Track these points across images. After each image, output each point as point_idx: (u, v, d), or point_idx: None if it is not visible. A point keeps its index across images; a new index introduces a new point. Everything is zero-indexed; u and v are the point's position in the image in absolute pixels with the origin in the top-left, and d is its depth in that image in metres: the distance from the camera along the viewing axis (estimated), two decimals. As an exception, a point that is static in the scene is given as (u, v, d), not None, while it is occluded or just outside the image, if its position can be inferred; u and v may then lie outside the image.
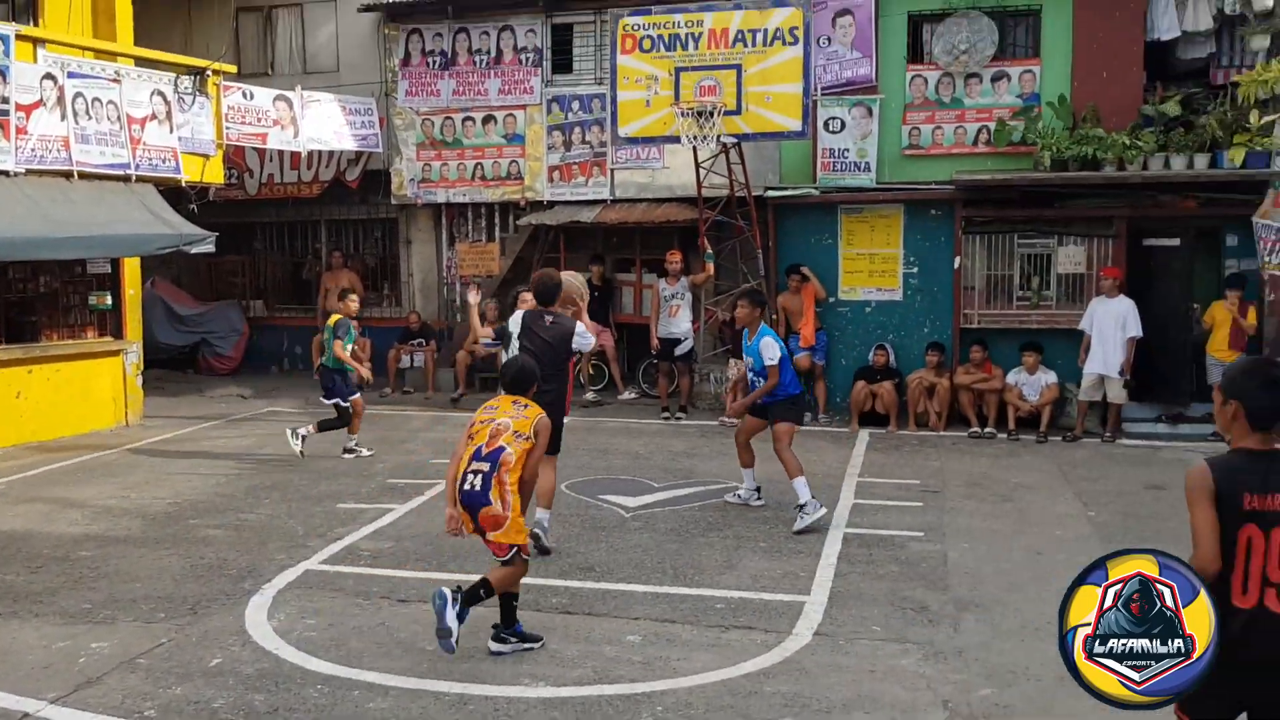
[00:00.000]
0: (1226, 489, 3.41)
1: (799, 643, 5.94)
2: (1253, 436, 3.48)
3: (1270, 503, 3.38)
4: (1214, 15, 12.54)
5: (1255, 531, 3.40)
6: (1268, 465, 3.44)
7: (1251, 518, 3.39)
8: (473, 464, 5.61)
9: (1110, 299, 11.86)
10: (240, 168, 16.36)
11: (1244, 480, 3.42)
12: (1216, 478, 3.43)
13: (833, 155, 13.55)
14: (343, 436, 11.15)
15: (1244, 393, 3.50)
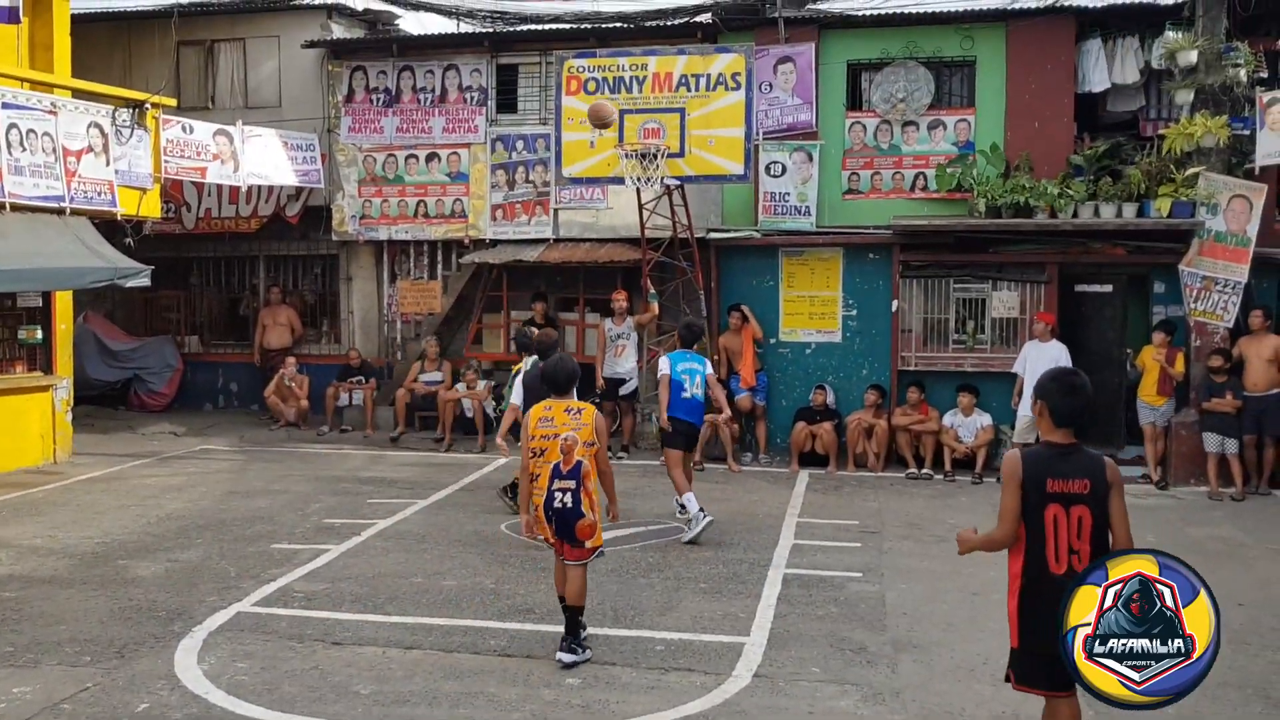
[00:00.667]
0: (1033, 474, 4.22)
1: (738, 684, 5.94)
2: (1057, 432, 4.32)
3: (1070, 486, 4.19)
4: (1141, 69, 12.97)
5: (1059, 510, 4.19)
6: (1068, 456, 4.25)
7: (1054, 499, 4.19)
8: (557, 482, 6.07)
9: (1043, 343, 12.11)
10: (178, 201, 16.14)
11: (1048, 468, 4.22)
12: (1025, 465, 4.25)
13: (774, 199, 13.74)
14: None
15: (1049, 396, 4.33)
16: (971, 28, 13.42)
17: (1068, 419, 4.29)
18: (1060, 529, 4.17)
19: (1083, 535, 4.16)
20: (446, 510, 10.27)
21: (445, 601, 7.37)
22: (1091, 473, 4.21)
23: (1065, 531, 4.17)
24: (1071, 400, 4.28)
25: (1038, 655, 4.18)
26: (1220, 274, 12.00)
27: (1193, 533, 9.72)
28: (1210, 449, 11.49)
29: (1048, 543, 4.17)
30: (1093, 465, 4.23)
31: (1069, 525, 4.17)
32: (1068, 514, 4.17)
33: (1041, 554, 4.18)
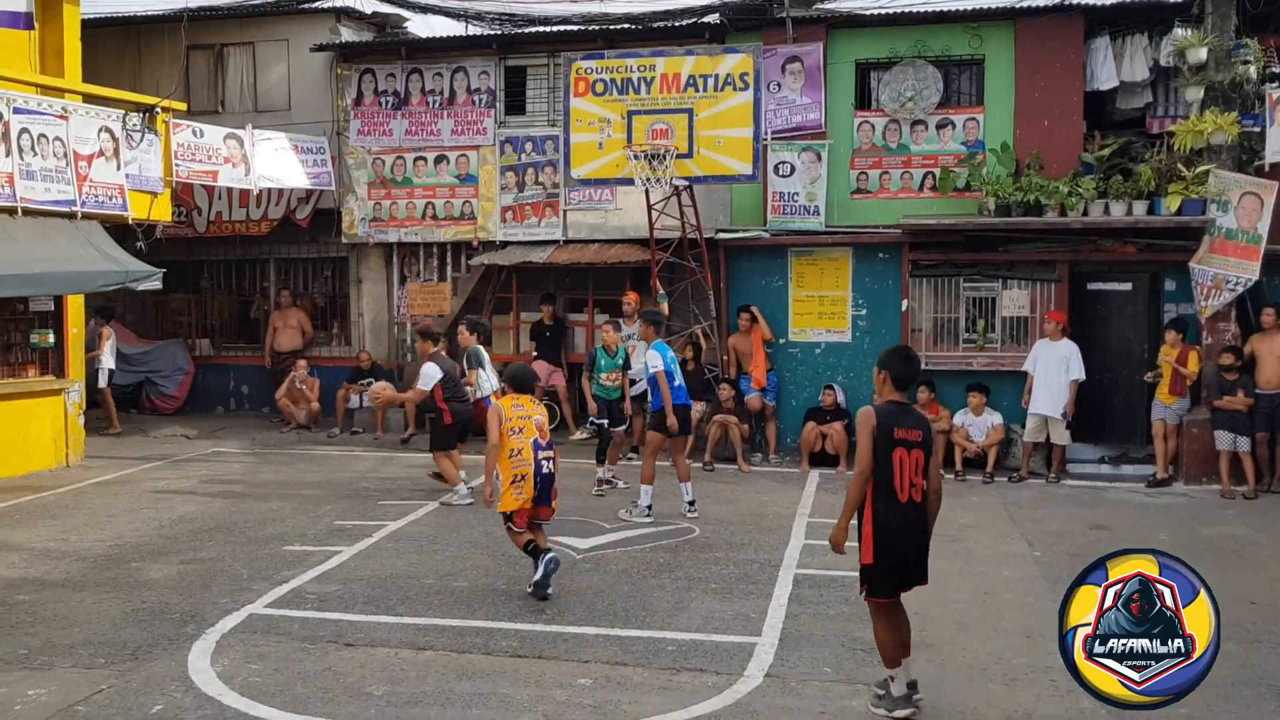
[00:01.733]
0: (884, 424, 5.37)
1: (750, 685, 5.94)
2: (897, 394, 5.51)
3: (910, 434, 5.37)
4: (1150, 67, 12.94)
5: (903, 453, 5.36)
6: (907, 411, 5.48)
7: (899, 443, 5.35)
8: (541, 453, 7.40)
9: (1054, 342, 12.09)
10: (188, 205, 16.21)
11: (895, 420, 5.40)
12: (878, 417, 5.39)
13: (783, 199, 13.74)
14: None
15: (889, 364, 5.57)
16: (980, 26, 13.40)
17: (904, 383, 5.53)
18: (904, 467, 5.34)
19: (919, 471, 5.37)
20: (457, 511, 10.29)
21: (457, 602, 7.39)
22: (921, 425, 5.45)
23: (908, 468, 5.34)
24: (907, 368, 5.59)
25: (889, 567, 5.39)
26: (1231, 271, 11.96)
27: (1205, 531, 9.69)
28: (1222, 447, 11.45)
29: (895, 477, 5.33)
30: (921, 420, 5.51)
31: (909, 464, 5.34)
32: (909, 454, 5.35)
33: (891, 486, 5.33)
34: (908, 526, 5.37)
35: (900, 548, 5.36)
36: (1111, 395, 13.01)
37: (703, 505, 10.53)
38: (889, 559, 5.36)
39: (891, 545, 5.34)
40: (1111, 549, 8.83)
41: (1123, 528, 9.78)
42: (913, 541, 5.42)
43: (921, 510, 5.42)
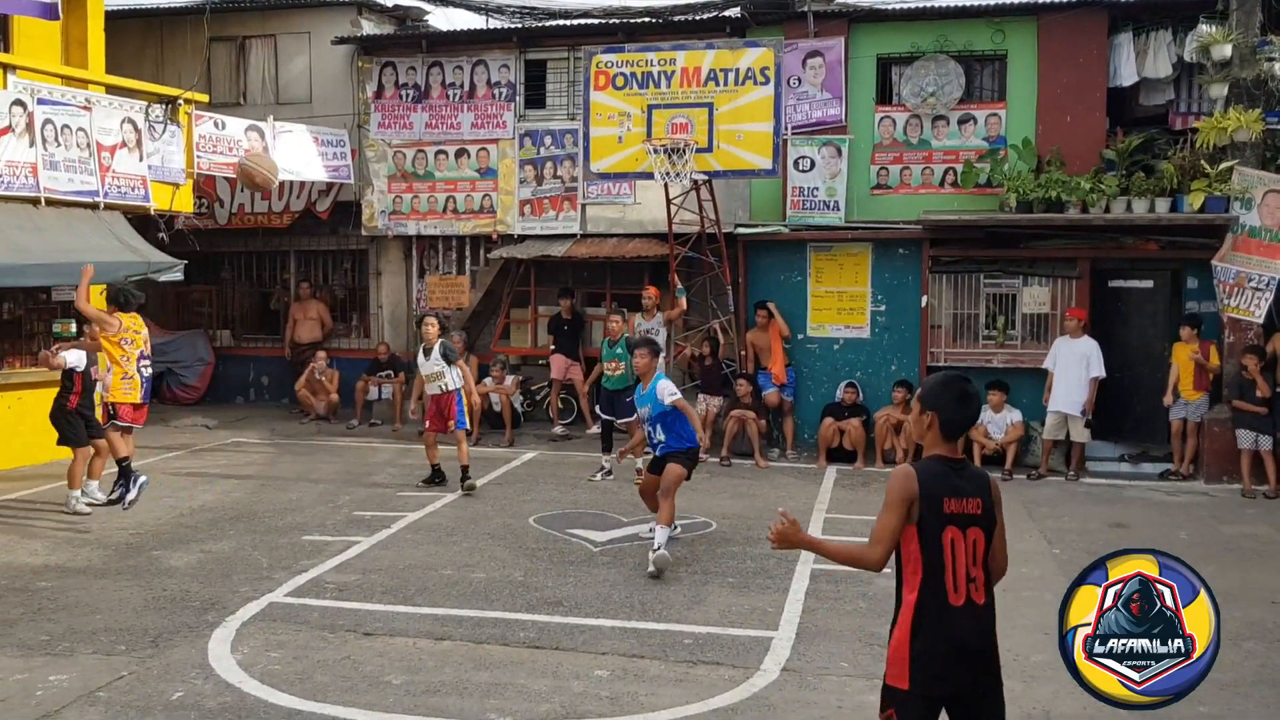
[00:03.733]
0: (930, 493, 3.65)
1: (767, 679, 5.95)
2: (944, 445, 3.76)
3: (966, 506, 3.67)
4: (1173, 63, 12.85)
5: (956, 533, 3.65)
6: (961, 472, 3.74)
7: (952, 520, 3.65)
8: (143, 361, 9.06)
9: (1074, 339, 12.03)
10: (210, 197, 16.29)
11: (945, 486, 3.67)
12: (921, 481, 3.67)
13: (802, 194, 13.71)
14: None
15: (940, 405, 3.76)
16: (1002, 21, 13.33)
17: (958, 430, 3.80)
18: (959, 554, 3.66)
19: (978, 560, 3.68)
20: (475, 503, 10.32)
21: (475, 593, 7.42)
22: (982, 490, 3.73)
23: (963, 556, 3.66)
24: (964, 410, 3.79)
25: (931, 699, 3.64)
26: (1254, 270, 11.87)
27: (1226, 530, 9.63)
28: (1244, 445, 11.37)
29: (947, 570, 3.64)
30: (983, 482, 3.77)
31: (966, 549, 3.67)
32: (965, 537, 3.67)
33: (940, 582, 3.63)
34: (964, 638, 3.64)
35: (952, 671, 3.63)
36: (1132, 393, 12.94)
37: (719, 500, 10.55)
38: (933, 687, 3.64)
39: (937, 670, 3.62)
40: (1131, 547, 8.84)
41: (1142, 526, 9.74)
42: (969, 661, 3.66)
43: (985, 614, 3.69)
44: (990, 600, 3.71)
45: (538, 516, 9.69)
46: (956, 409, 3.76)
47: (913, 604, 3.66)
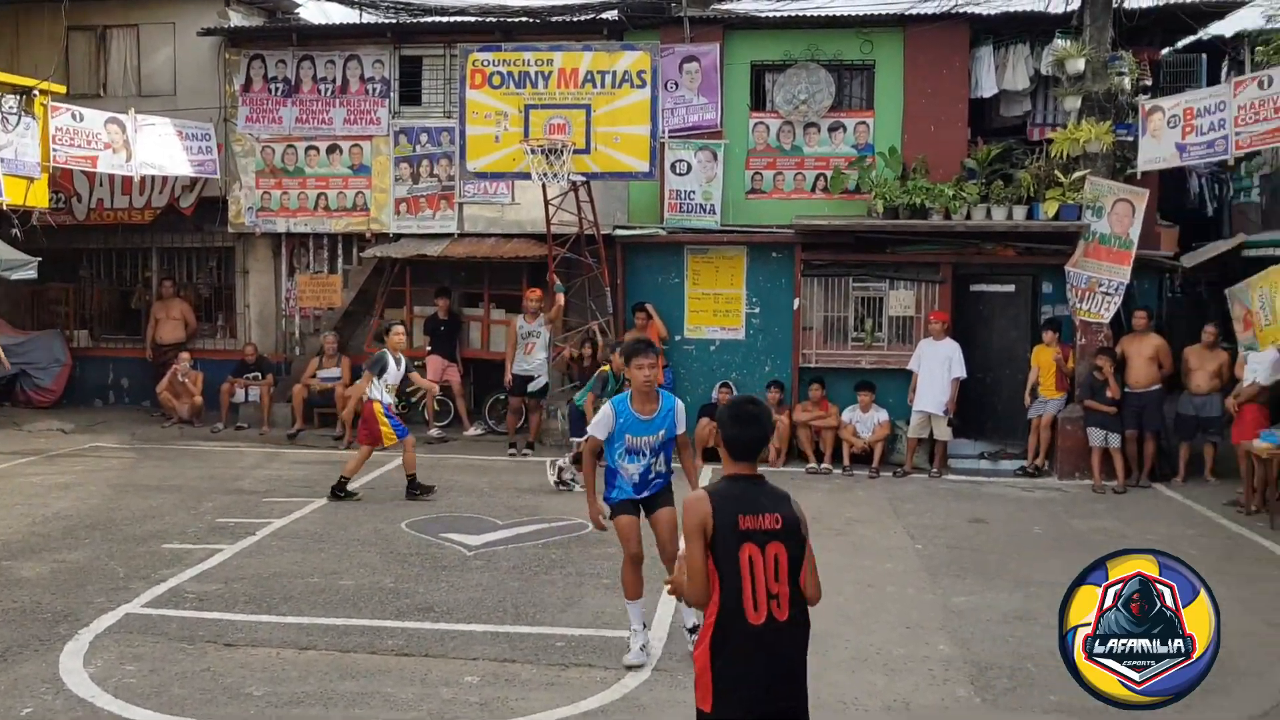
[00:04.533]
0: (724, 510, 3.66)
1: (638, 679, 5.99)
2: (736, 465, 3.82)
3: (763, 522, 3.66)
4: (1031, 76, 13.41)
5: (754, 549, 3.64)
6: (756, 487, 3.76)
7: (749, 536, 3.64)
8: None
9: (937, 341, 12.44)
10: (67, 192, 15.60)
11: (739, 503, 3.69)
12: (714, 505, 3.68)
13: (679, 197, 13.84)
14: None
15: (723, 427, 3.85)
16: (871, 32, 13.71)
17: (744, 452, 3.82)
18: (757, 571, 3.62)
19: (780, 576, 3.64)
20: (345, 509, 10.12)
21: (342, 601, 7.27)
22: (782, 506, 3.74)
23: (762, 573, 3.62)
24: (746, 430, 3.81)
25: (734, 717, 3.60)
26: (1104, 275, 12.46)
27: (1077, 525, 10.08)
28: (1094, 443, 11.92)
29: (744, 588, 3.61)
30: (783, 499, 3.78)
31: (766, 566, 3.63)
32: (764, 553, 3.64)
33: (738, 601, 3.60)
34: (764, 660, 3.62)
35: (753, 693, 3.60)
36: (993, 393, 13.45)
37: (595, 501, 10.58)
38: (735, 709, 3.61)
39: (740, 693, 3.60)
40: (989, 542, 9.20)
41: (1000, 521, 10.13)
42: (772, 684, 3.63)
43: (789, 633, 3.67)
44: (795, 617, 3.66)
45: (410, 521, 9.56)
46: (736, 430, 3.81)
47: (712, 624, 3.64)
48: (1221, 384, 11.79)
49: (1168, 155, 12.02)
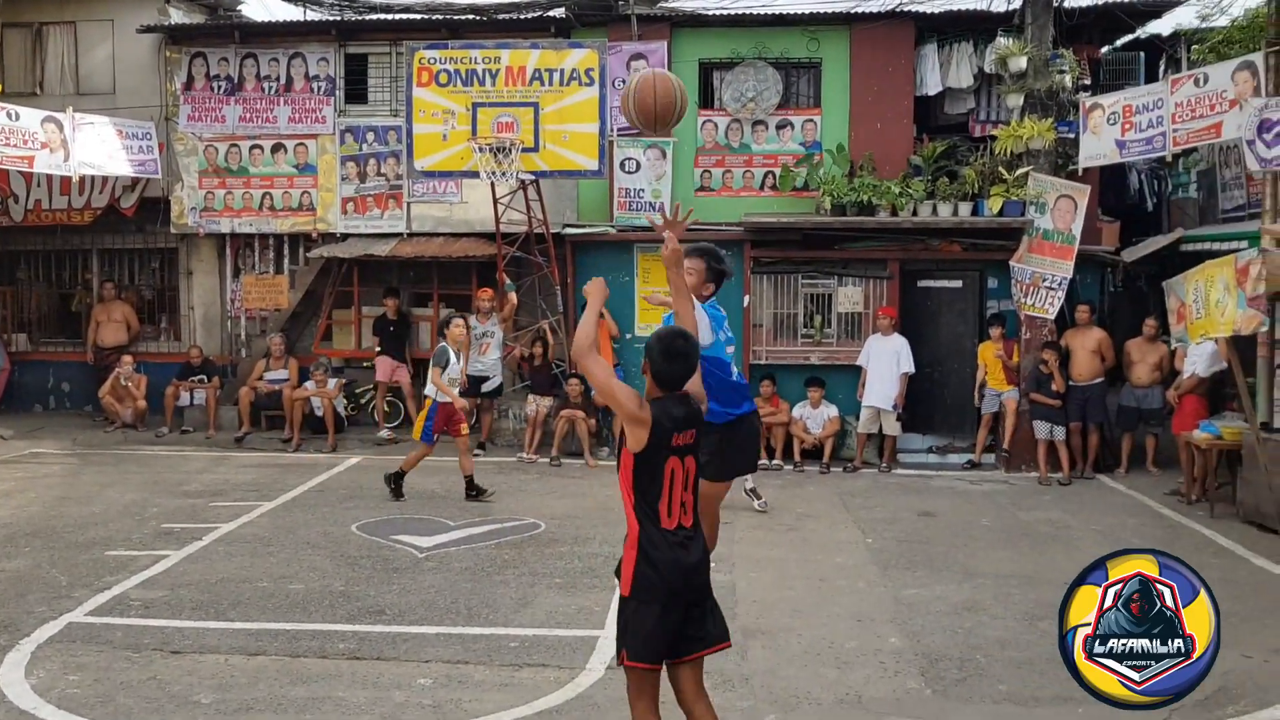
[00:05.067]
0: (661, 426, 4.02)
1: (592, 678, 5.97)
2: (663, 392, 4.15)
3: (686, 438, 4.08)
4: (974, 74, 13.57)
5: (676, 463, 4.05)
6: (684, 405, 4.13)
7: (675, 451, 4.05)
8: None
9: (885, 336, 12.56)
10: (4, 193, 15.26)
11: (674, 420, 4.06)
12: (655, 414, 4.04)
13: (629, 195, 13.84)
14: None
15: (651, 359, 4.15)
16: (817, 30, 13.80)
17: (673, 384, 4.13)
18: (676, 482, 4.04)
19: (689, 487, 4.07)
20: (294, 512, 10.00)
21: (292, 605, 7.18)
22: (695, 421, 4.14)
23: (679, 484, 4.05)
24: (676, 365, 4.12)
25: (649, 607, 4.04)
26: (1048, 270, 12.65)
27: (1023, 516, 10.23)
28: (1040, 436, 12.11)
29: (663, 496, 4.02)
30: (696, 412, 4.17)
31: (682, 477, 4.05)
32: (683, 466, 4.05)
33: (656, 509, 4.05)
34: (676, 556, 4.06)
35: (667, 582, 4.05)
36: (942, 388, 13.60)
37: (548, 500, 10.56)
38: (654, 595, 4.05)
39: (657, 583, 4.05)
40: (938, 534, 9.30)
41: (948, 514, 10.24)
42: (682, 575, 4.07)
43: (694, 534, 4.13)
44: (696, 522, 4.14)
45: (361, 524, 9.47)
46: (666, 364, 4.10)
47: (636, 530, 4.09)
48: (1162, 376, 12.04)
49: (1108, 152, 12.23)
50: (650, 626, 4.05)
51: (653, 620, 4.04)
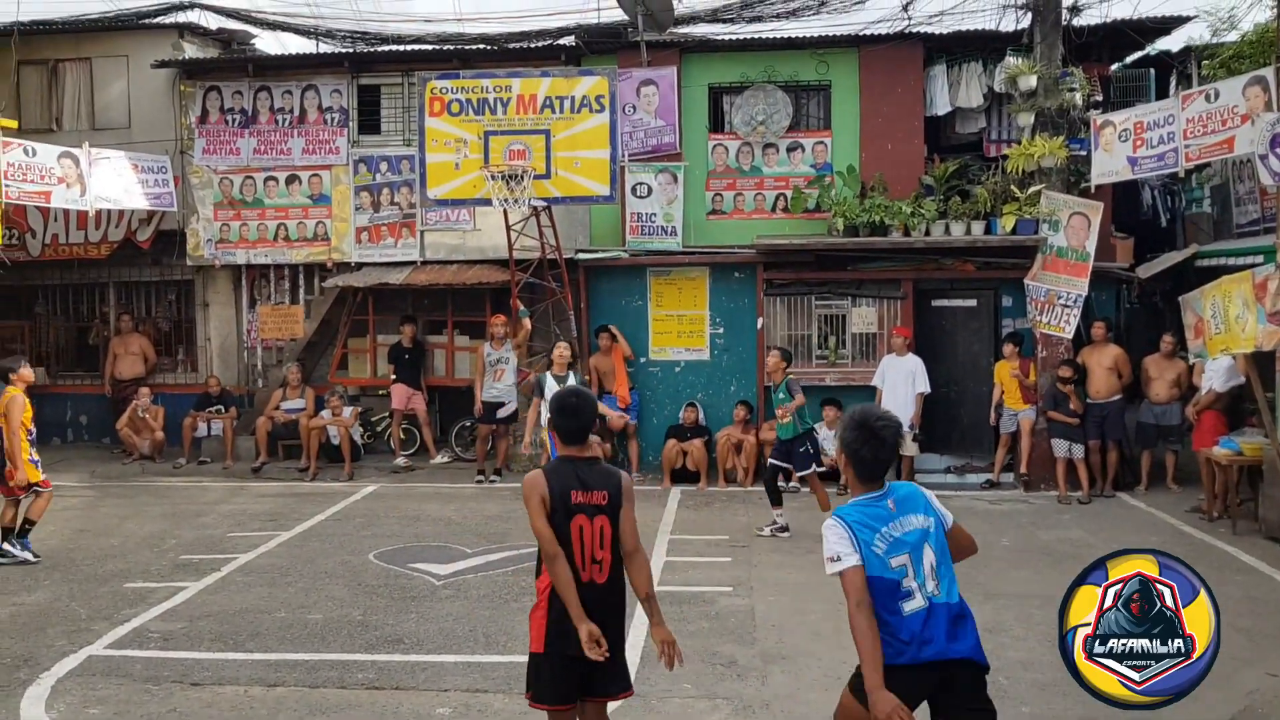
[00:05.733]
0: (557, 488, 4.32)
1: (611, 705, 5.92)
2: (568, 449, 4.46)
3: (592, 498, 4.33)
4: (984, 93, 13.59)
5: (584, 520, 4.31)
6: (588, 468, 4.41)
7: (579, 510, 4.31)
8: None
9: (900, 357, 12.53)
10: (21, 228, 15.40)
11: (570, 481, 4.34)
12: (549, 480, 4.34)
13: (640, 219, 13.88)
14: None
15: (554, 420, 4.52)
16: (826, 53, 13.85)
17: (572, 438, 4.45)
18: (586, 539, 4.30)
19: (604, 544, 4.32)
20: (312, 541, 10.01)
21: (311, 635, 7.18)
22: (609, 484, 4.38)
23: (590, 541, 4.30)
24: (571, 420, 4.46)
25: (560, 661, 4.28)
26: (1063, 288, 12.62)
27: (1043, 536, 10.15)
28: (1059, 454, 12.03)
29: (575, 552, 4.29)
30: (611, 478, 4.42)
31: (593, 535, 4.31)
32: (592, 524, 4.31)
33: (573, 565, 4.28)
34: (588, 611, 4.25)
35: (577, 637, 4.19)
36: (958, 407, 13.55)
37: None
38: (564, 647, 4.25)
39: (567, 637, 4.22)
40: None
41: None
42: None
43: (605, 590, 4.35)
44: (612, 579, 4.37)
45: (378, 552, 9.47)
46: (561, 420, 4.46)
47: (548, 585, 4.32)
48: (1180, 392, 11.97)
49: (1120, 169, 12.22)
50: (557, 675, 4.30)
51: (561, 669, 4.29)
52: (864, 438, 4.01)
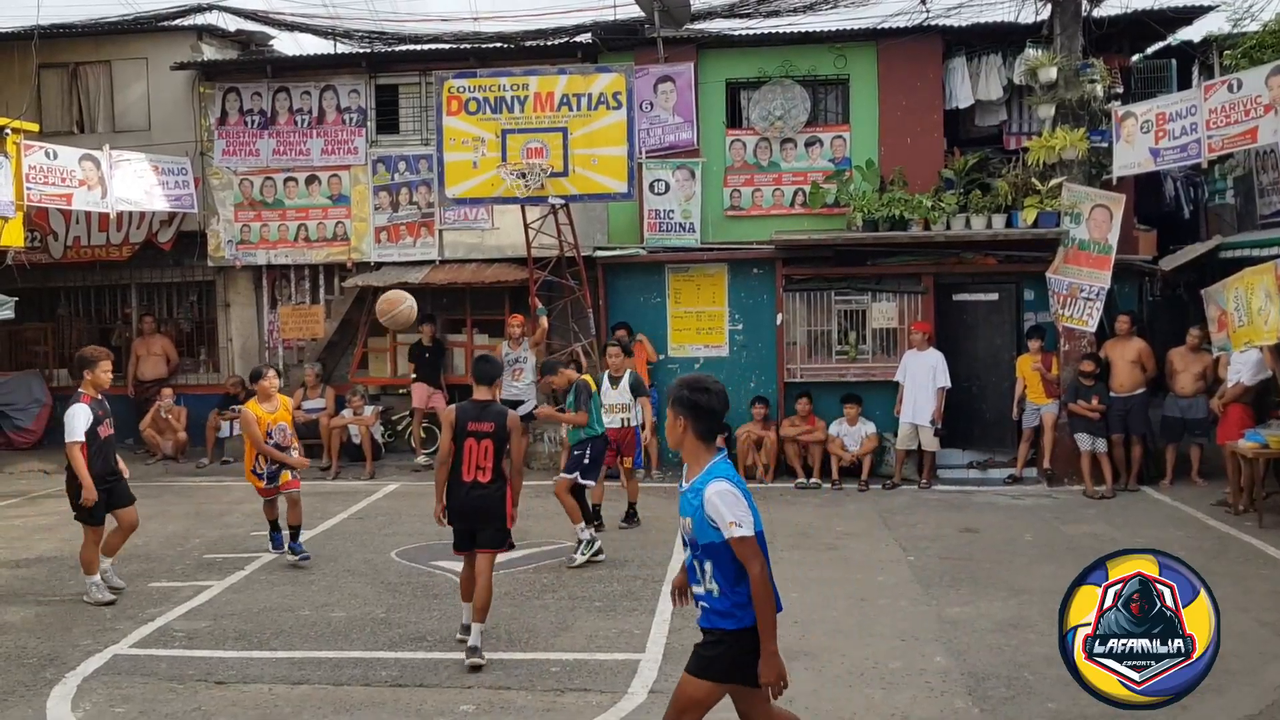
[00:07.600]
0: (461, 418, 6.70)
1: (634, 702, 5.94)
2: (477, 391, 6.86)
3: (481, 426, 6.67)
4: (1004, 86, 13.49)
5: (473, 441, 6.67)
6: (484, 407, 6.75)
7: (471, 434, 6.66)
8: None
9: (921, 352, 12.47)
10: (44, 230, 15.51)
11: (470, 415, 6.71)
12: (457, 412, 6.74)
13: (658, 216, 13.86)
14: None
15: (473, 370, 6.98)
16: (844, 47, 13.78)
17: (480, 380, 6.87)
18: (473, 453, 6.65)
19: (487, 457, 6.65)
20: (334, 540, 10.05)
21: (334, 633, 7.21)
22: (497, 419, 6.69)
23: (476, 454, 6.65)
24: (482, 368, 6.90)
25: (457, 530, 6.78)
26: (1085, 281, 12.53)
27: (1068, 531, 10.09)
28: (1083, 448, 11.95)
29: (464, 460, 6.66)
30: (499, 414, 6.73)
31: (479, 450, 6.65)
32: (479, 444, 6.65)
33: (459, 467, 6.67)
34: (466, 499, 6.65)
35: (461, 515, 6.70)
36: (980, 402, 13.48)
37: (585, 523, 10.52)
38: (456, 521, 6.75)
39: (457, 512, 6.72)
40: (980, 551, 9.18)
41: (991, 530, 10.12)
42: (470, 513, 6.68)
43: (487, 489, 6.65)
44: (494, 479, 6.67)
45: (400, 550, 9.49)
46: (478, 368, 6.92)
47: (444, 479, 6.75)
48: (1205, 385, 11.86)
49: (1142, 160, 12.12)
50: (456, 530, 6.82)
51: (456, 528, 6.80)
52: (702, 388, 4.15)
